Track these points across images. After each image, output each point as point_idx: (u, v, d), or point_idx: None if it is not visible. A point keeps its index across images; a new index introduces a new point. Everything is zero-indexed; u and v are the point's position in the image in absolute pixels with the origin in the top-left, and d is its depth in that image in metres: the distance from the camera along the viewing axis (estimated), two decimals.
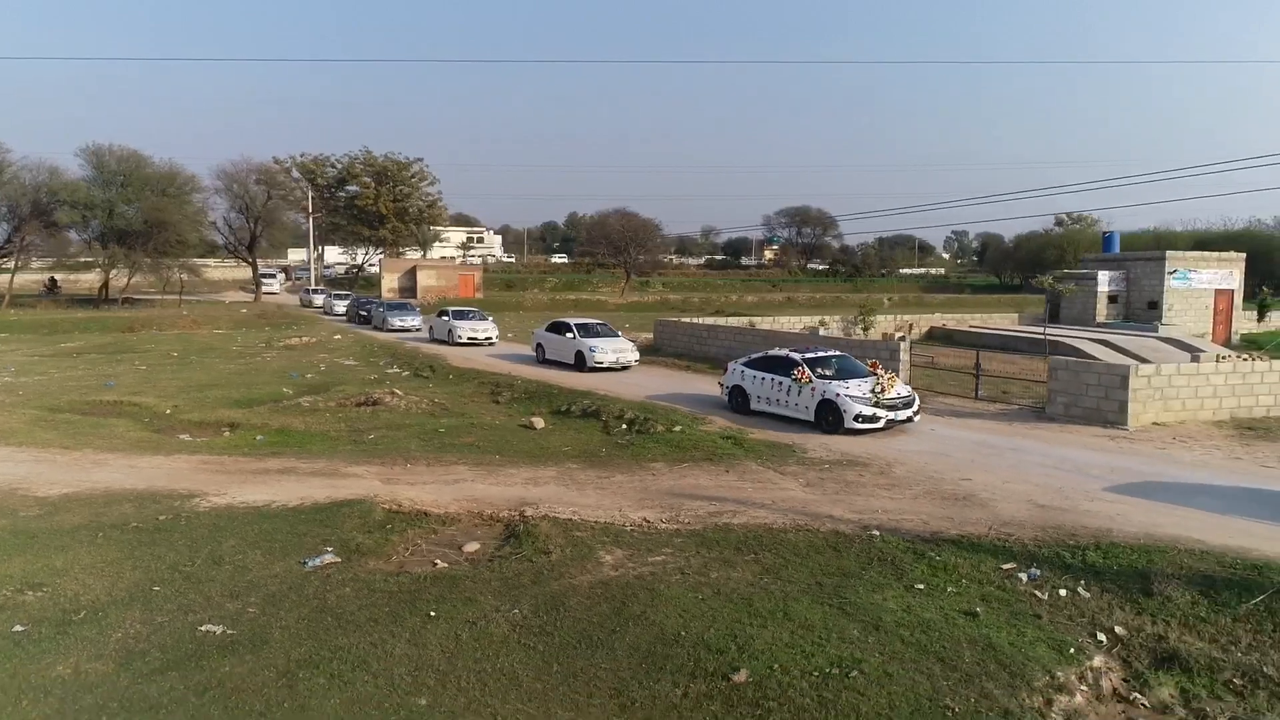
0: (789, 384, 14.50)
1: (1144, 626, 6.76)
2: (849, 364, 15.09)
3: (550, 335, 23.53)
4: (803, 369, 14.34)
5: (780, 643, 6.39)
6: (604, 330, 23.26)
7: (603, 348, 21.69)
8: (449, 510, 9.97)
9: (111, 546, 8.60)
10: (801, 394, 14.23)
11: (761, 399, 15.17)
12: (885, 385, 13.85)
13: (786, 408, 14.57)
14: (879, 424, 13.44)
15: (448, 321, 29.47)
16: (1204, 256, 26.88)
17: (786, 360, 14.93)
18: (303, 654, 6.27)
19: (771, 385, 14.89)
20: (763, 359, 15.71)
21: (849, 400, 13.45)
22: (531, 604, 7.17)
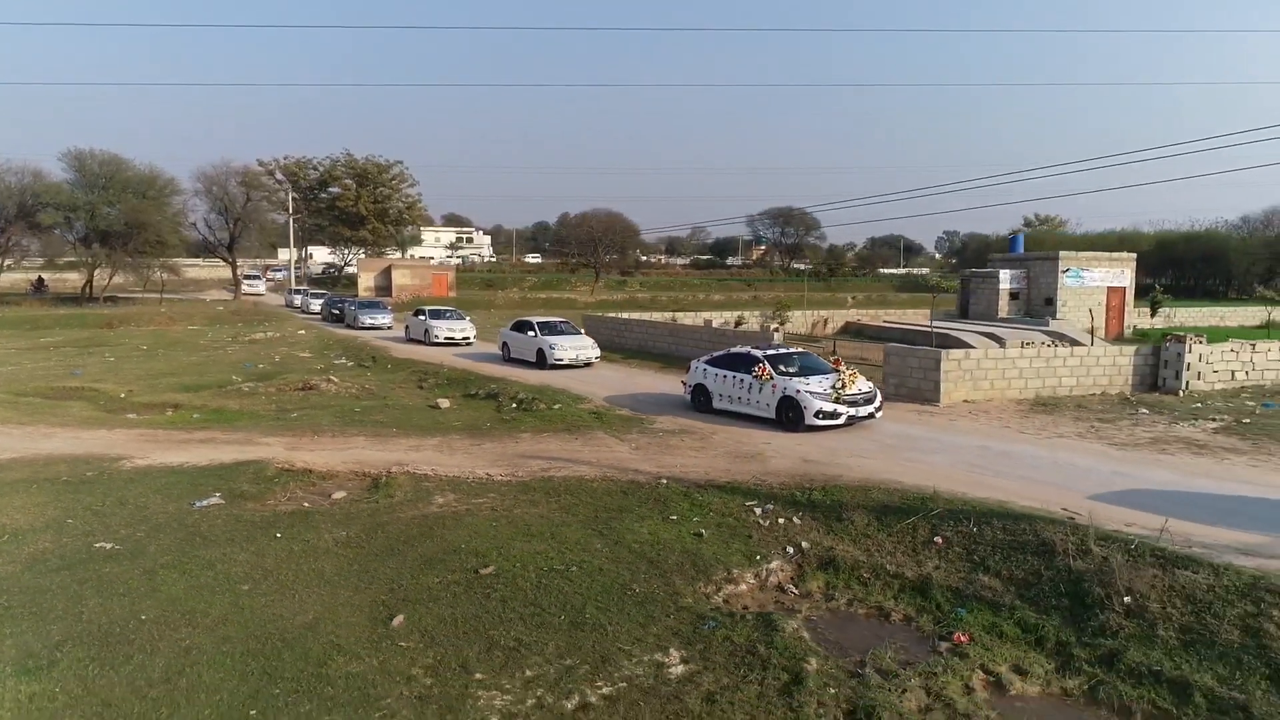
0: (750, 381, 14.28)
1: (823, 541, 8.74)
2: (811, 361, 14.90)
3: (514, 334, 23.67)
4: (763, 366, 14.12)
5: (532, 552, 8.36)
6: (566, 328, 23.41)
7: (563, 345, 21.86)
8: (332, 469, 11.90)
9: (41, 493, 10.54)
10: (763, 391, 14.02)
11: (724, 397, 14.87)
12: (846, 381, 13.71)
13: (748, 405, 14.34)
14: (840, 420, 13.30)
15: (424, 321, 29.07)
16: (1096, 256, 28.86)
17: (748, 357, 14.71)
18: (167, 560, 8.23)
19: (734, 383, 14.65)
20: (725, 356, 15.45)
21: (809, 397, 13.30)
22: (359, 529, 9.14)
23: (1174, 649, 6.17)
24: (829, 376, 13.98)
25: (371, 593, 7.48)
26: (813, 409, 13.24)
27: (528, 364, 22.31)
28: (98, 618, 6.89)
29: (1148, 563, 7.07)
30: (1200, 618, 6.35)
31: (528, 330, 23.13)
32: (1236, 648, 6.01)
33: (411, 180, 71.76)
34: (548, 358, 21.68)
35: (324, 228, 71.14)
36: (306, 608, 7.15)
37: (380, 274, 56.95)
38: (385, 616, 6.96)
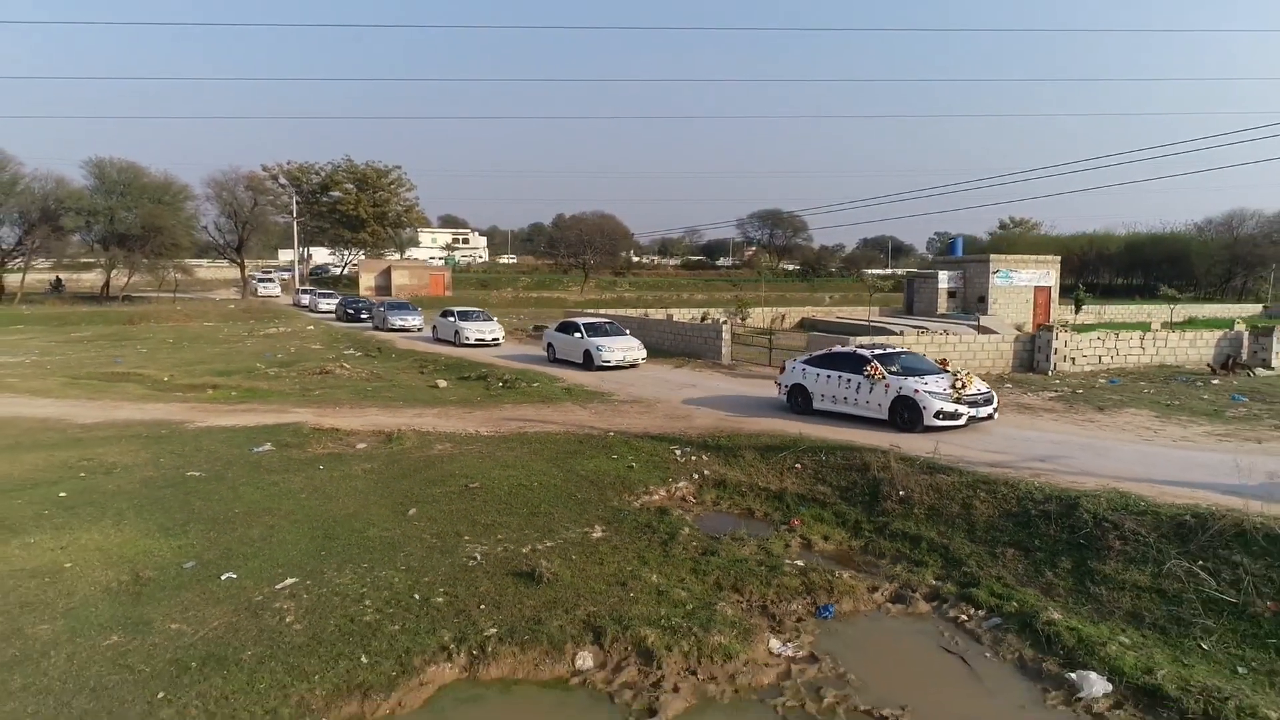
0: (859, 381, 13.89)
1: (719, 470, 11.98)
2: (917, 360, 14.71)
3: (559, 335, 23.37)
4: (875, 365, 13.73)
5: (506, 475, 11.59)
6: (612, 329, 23.05)
7: (610, 346, 21.56)
8: (354, 429, 15.09)
9: (132, 444, 13.73)
10: (874, 391, 13.64)
11: (826, 397, 14.50)
12: (965, 381, 13.39)
13: (855, 406, 13.97)
14: (960, 421, 12.94)
15: (454, 322, 28.99)
16: (1024, 259, 32.15)
17: (854, 356, 14.39)
18: (243, 481, 11.43)
19: (839, 383, 14.26)
20: (826, 356, 15.14)
21: (929, 396, 12.94)
22: (380, 463, 12.37)
23: (920, 519, 9.44)
24: (943, 376, 13.70)
25: (393, 498, 10.70)
26: (933, 409, 12.86)
27: (574, 365, 22.08)
28: (205, 510, 10.10)
29: (921, 471, 10.34)
30: (940, 501, 9.61)
31: (574, 331, 22.80)
32: (954, 516, 9.27)
33: (409, 184, 74.94)
34: (595, 359, 21.38)
35: (325, 230, 74.24)
36: (347, 506, 10.37)
37: (380, 274, 60.11)
38: (403, 510, 10.17)
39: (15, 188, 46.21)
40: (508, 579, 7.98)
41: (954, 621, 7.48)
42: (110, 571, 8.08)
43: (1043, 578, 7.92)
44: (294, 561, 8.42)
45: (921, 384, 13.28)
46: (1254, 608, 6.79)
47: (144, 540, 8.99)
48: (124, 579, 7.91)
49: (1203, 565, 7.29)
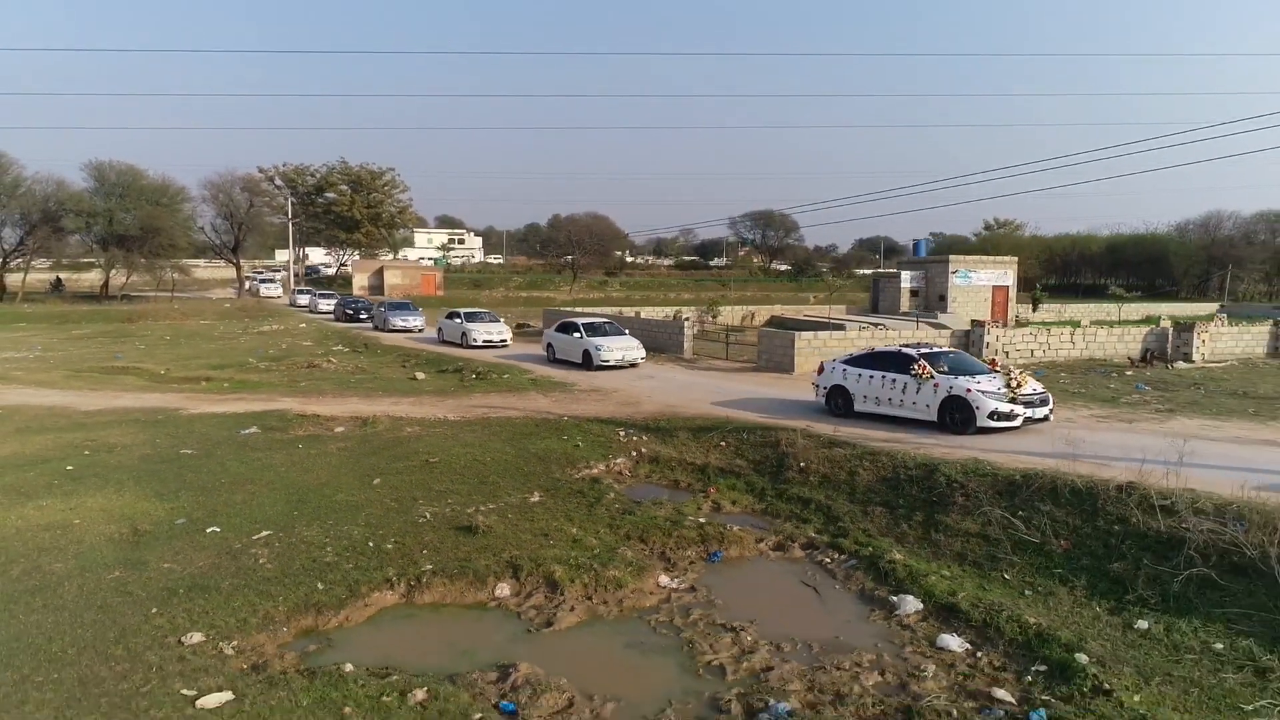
0: (906, 381, 13.30)
1: (655, 448, 13.42)
2: (965, 360, 14.13)
3: (559, 335, 23.20)
4: (923, 364, 13.11)
5: (464, 453, 13.02)
6: (611, 329, 22.99)
7: (609, 346, 21.47)
8: (334, 415, 16.53)
9: (131, 427, 15.17)
10: (921, 391, 13.04)
11: (869, 399, 13.93)
12: (1020, 380, 12.91)
13: (901, 407, 13.38)
14: (1016, 422, 12.34)
15: (460, 324, 28.54)
16: (983, 260, 33.64)
17: (900, 356, 13.79)
18: (230, 457, 12.87)
19: (882, 383, 13.69)
20: (868, 356, 14.69)
21: (982, 396, 12.34)
22: (354, 443, 13.82)
23: (813, 485, 10.92)
24: (995, 375, 13.15)
25: (361, 470, 12.15)
26: (986, 409, 12.26)
27: (574, 365, 22.09)
28: (195, 480, 11.54)
29: (821, 444, 11.81)
30: (832, 470, 11.08)
31: (573, 331, 22.69)
32: (841, 482, 10.75)
33: (403, 186, 76.36)
34: (594, 359, 21.35)
35: (321, 231, 75.65)
36: (320, 476, 11.81)
37: (373, 274, 61.53)
38: (369, 479, 11.61)
39: (17, 190, 47.64)
40: (449, 531, 9.43)
41: (819, 564, 8.95)
42: (112, 526, 9.52)
43: (899, 529, 9.39)
44: (270, 519, 9.85)
45: (974, 383, 12.61)
46: (1049, 545, 8.26)
47: (141, 503, 10.43)
48: (124, 531, 9.35)
49: (1020, 515, 8.75)
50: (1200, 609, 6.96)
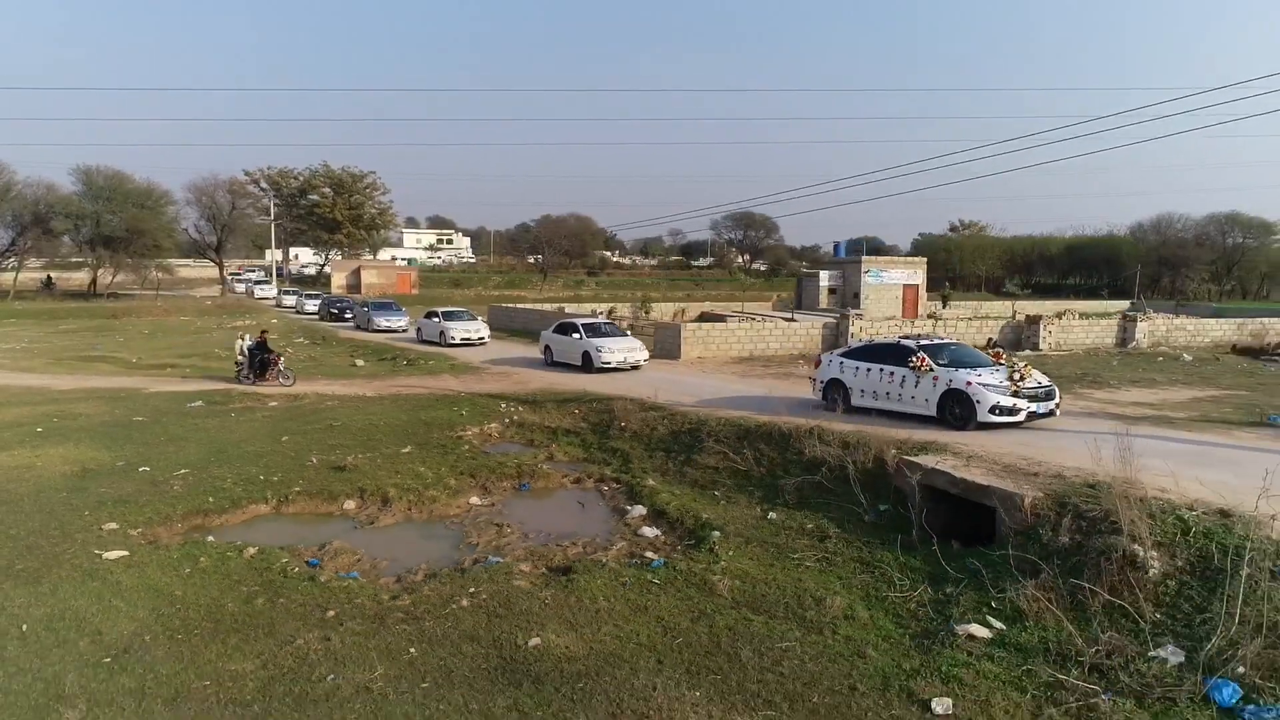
0: (904, 374, 12.88)
1: (526, 416, 16.26)
2: (966, 352, 13.70)
3: (557, 337, 22.75)
4: (921, 356, 12.75)
5: (364, 419, 15.84)
6: (611, 330, 22.82)
7: (610, 347, 20.99)
8: (271, 393, 19.37)
9: (98, 401, 17.99)
10: (920, 385, 12.62)
11: (866, 393, 13.54)
12: (1024, 373, 12.39)
13: (899, 401, 12.97)
14: (1019, 416, 11.85)
15: (439, 323, 29.07)
16: (893, 260, 36.55)
17: (898, 348, 13.46)
18: (172, 423, 15.70)
19: (880, 377, 13.29)
20: (865, 348, 14.45)
21: (983, 389, 11.84)
22: (279, 413, 16.65)
23: (626, 439, 13.79)
24: (999, 368, 12.64)
25: (275, 432, 14.97)
26: (988, 403, 11.75)
27: (572, 369, 21.35)
28: (139, 438, 14.35)
29: (644, 409, 14.69)
30: (642, 428, 13.95)
31: (571, 332, 22.24)
32: (645, 436, 13.62)
33: (384, 188, 79.36)
34: (594, 361, 20.79)
35: (304, 232, 78.49)
36: (241, 436, 14.64)
37: (351, 273, 64.37)
38: (278, 438, 14.42)
39: (9, 193, 50.43)
40: (326, 470, 12.26)
41: (599, 490, 11.82)
42: (66, 467, 12.33)
43: (666, 466, 12.26)
44: (190, 463, 12.66)
45: (974, 376, 12.17)
46: (753, 471, 11.16)
47: (91, 452, 13.25)
48: (75, 470, 12.17)
49: (741, 452, 11.64)
50: (814, 505, 9.87)
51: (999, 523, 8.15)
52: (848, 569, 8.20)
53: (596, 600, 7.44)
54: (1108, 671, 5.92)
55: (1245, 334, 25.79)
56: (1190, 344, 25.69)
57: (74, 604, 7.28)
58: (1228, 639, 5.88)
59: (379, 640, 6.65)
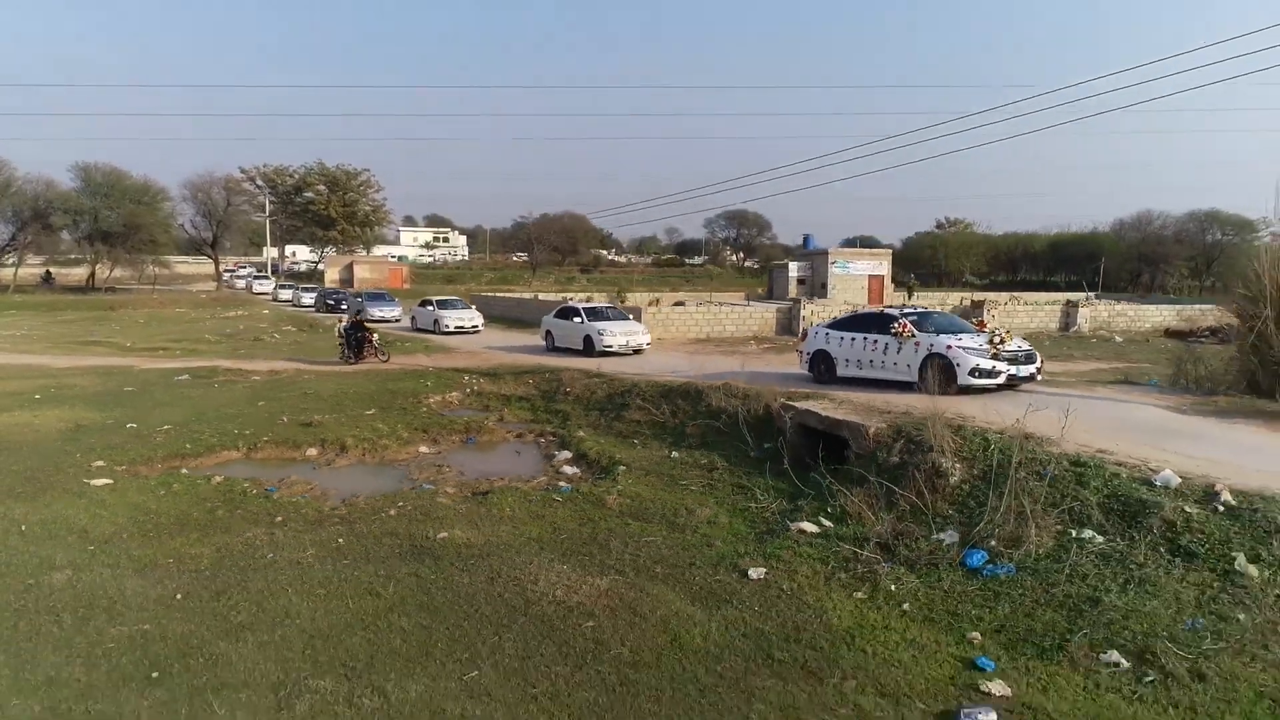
0: (886, 342, 13.04)
1: (484, 386, 17.67)
2: (950, 320, 14.01)
3: (558, 321, 22.51)
4: (903, 323, 12.94)
5: (336, 388, 17.26)
6: (613, 314, 22.63)
7: (612, 331, 20.85)
8: (255, 369, 20.80)
9: (90, 376, 19.41)
10: (902, 351, 12.75)
11: (850, 362, 13.71)
12: (1004, 337, 12.54)
13: (882, 369, 13.13)
14: (999, 379, 11.99)
15: (432, 311, 29.51)
16: (859, 252, 37.97)
17: (881, 316, 13.80)
18: (160, 393, 17.12)
19: (864, 345, 13.44)
20: (850, 318, 14.68)
21: (962, 353, 12.01)
22: (259, 385, 18.07)
23: (569, 402, 15.21)
24: (979, 335, 12.80)
25: (254, 398, 16.38)
26: (968, 366, 11.91)
27: (574, 353, 21.12)
28: (128, 402, 15.77)
29: (589, 377, 16.11)
30: (584, 392, 15.37)
31: (573, 316, 22.16)
32: (586, 399, 15.04)
33: (377, 186, 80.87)
34: (596, 344, 20.59)
35: (299, 228, 79.95)
36: (221, 401, 16.05)
37: (344, 268, 65.76)
38: (255, 403, 15.84)
39: (9, 189, 51.87)
40: (294, 426, 13.66)
41: (537, 443, 13.26)
42: (62, 424, 13.75)
43: (599, 422, 13.69)
44: (173, 421, 14.07)
45: (955, 340, 12.36)
46: (669, 422, 12.60)
47: (85, 413, 14.67)
48: (69, 426, 13.58)
49: (662, 408, 13.07)
50: (711, 445, 11.34)
51: (850, 449, 9.56)
52: (724, 491, 9.63)
53: (503, 511, 8.88)
54: (896, 550, 7.35)
55: (1181, 319, 27.17)
56: (1129, 328, 27.09)
57: (65, 513, 8.70)
58: (992, 524, 7.30)
59: (314, 535, 8.08)
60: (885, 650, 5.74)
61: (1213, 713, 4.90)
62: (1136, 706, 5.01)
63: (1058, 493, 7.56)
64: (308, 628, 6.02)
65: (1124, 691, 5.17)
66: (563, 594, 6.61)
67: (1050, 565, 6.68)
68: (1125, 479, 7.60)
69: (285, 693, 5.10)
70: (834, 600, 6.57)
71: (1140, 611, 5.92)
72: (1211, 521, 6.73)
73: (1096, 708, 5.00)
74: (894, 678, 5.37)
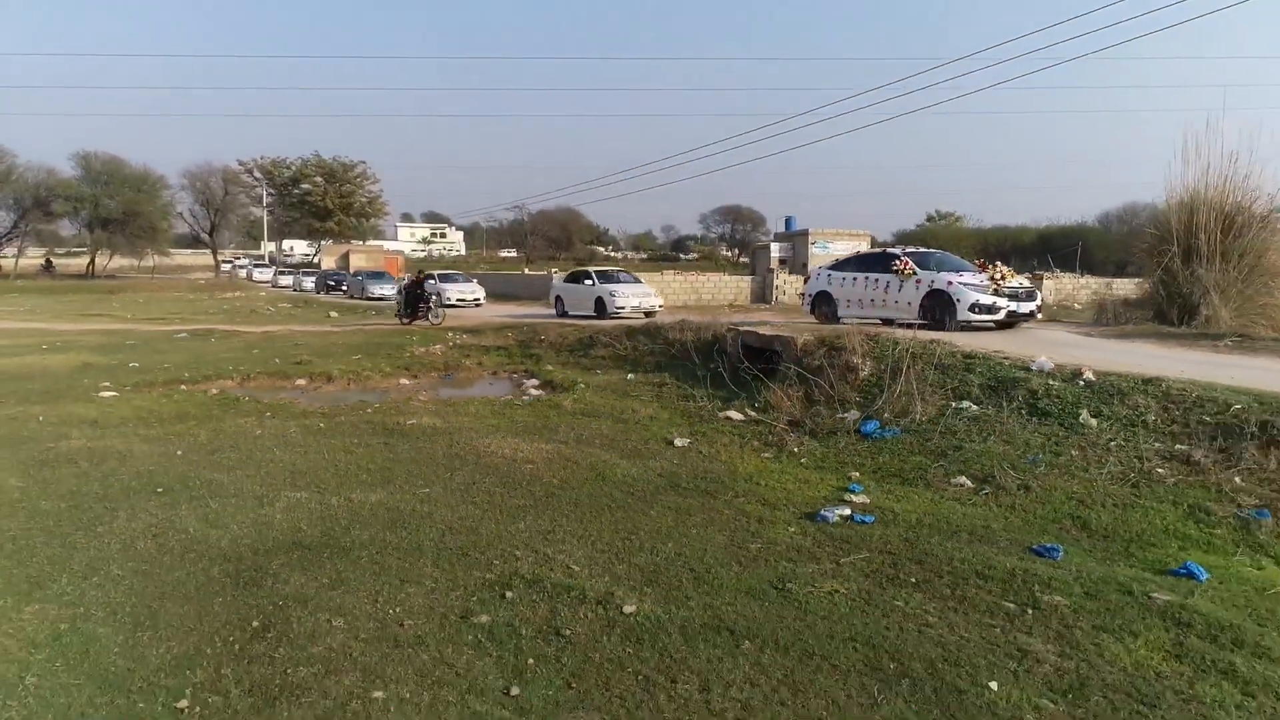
0: (888, 280, 12.99)
1: (467, 340, 18.74)
2: (951, 259, 13.92)
3: (568, 285, 22.25)
4: (904, 260, 12.87)
5: (326, 343, 18.34)
6: (625, 277, 22.43)
7: (624, 293, 20.71)
8: (250, 331, 21.86)
9: (94, 336, 20.47)
10: (904, 289, 12.72)
11: (852, 302, 13.73)
12: (1005, 274, 12.57)
13: (884, 307, 13.15)
14: (999, 314, 12.08)
15: (435, 284, 28.55)
16: (839, 233, 38.96)
17: (884, 256, 13.63)
18: (164, 346, 18.18)
19: (865, 285, 13.38)
20: (852, 259, 14.63)
21: (963, 288, 12.01)
22: (254, 342, 19.14)
23: (543, 347, 16.26)
24: (981, 274, 12.75)
25: (248, 350, 17.44)
26: (967, 301, 11.93)
27: (585, 318, 20.82)
28: (131, 350, 16.83)
29: (562, 326, 17.17)
30: (556, 338, 16.43)
31: (584, 280, 21.95)
32: (558, 344, 16.12)
33: (374, 178, 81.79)
34: (608, 306, 20.54)
35: (296, 220, 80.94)
36: (218, 352, 17.12)
37: (340, 258, 66.62)
38: (250, 352, 16.89)
39: (10, 177, 52.90)
40: (286, 364, 14.75)
41: (510, 378, 14.34)
42: (70, 364, 14.80)
43: (568, 359, 14.78)
44: (175, 365, 15.09)
45: (956, 277, 12.36)
46: (630, 355, 13.71)
47: (92, 358, 15.74)
48: (78, 365, 14.64)
49: (624, 344, 14.18)
50: (665, 369, 12.44)
51: (780, 359, 10.65)
52: (670, 399, 10.72)
53: (469, 410, 9.96)
54: (805, 425, 8.43)
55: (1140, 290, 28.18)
56: (1091, 301, 28.11)
57: (78, 411, 9.77)
58: (888, 402, 8.38)
59: (299, 422, 9.16)
60: (777, 483, 6.82)
61: (1027, 508, 5.99)
62: (968, 508, 6.09)
63: (949, 379, 8.65)
64: (287, 466, 7.10)
65: (962, 499, 6.26)
66: (510, 453, 7.69)
67: (930, 427, 7.76)
68: (1007, 365, 8.69)
69: (267, 498, 6.17)
70: (744, 458, 7.65)
71: (993, 453, 7.01)
72: (1068, 390, 7.82)
73: (936, 509, 6.08)
74: (777, 496, 6.45)
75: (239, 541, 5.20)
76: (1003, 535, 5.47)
